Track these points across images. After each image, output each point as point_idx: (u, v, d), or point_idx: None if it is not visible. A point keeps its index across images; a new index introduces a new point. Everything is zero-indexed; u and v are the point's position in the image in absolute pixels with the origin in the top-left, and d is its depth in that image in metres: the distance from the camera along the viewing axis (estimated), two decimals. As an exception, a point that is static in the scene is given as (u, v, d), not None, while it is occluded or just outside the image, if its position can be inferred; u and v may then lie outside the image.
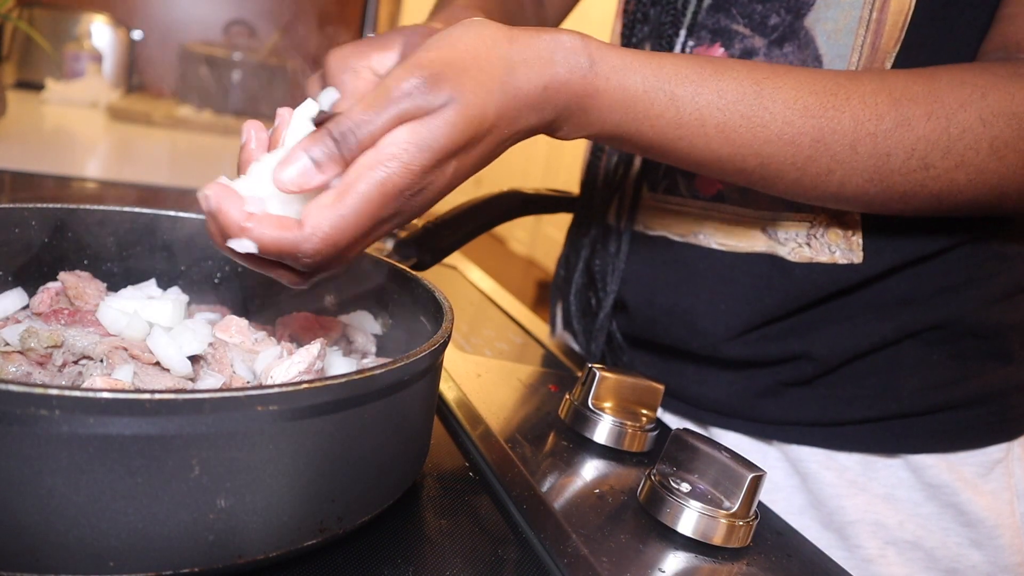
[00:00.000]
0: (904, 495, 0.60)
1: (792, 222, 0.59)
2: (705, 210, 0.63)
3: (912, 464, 0.60)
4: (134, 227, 0.57)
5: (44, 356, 0.45)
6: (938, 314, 0.58)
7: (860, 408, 0.59)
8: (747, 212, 0.60)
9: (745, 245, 0.60)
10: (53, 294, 0.51)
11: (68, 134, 1.61)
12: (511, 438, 0.52)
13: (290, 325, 0.54)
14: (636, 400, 0.54)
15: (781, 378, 0.61)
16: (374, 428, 0.38)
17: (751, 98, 0.47)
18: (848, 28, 0.54)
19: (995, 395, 0.59)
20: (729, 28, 0.59)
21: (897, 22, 0.53)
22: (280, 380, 0.44)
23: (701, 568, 0.42)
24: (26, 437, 0.30)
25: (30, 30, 1.74)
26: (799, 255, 0.58)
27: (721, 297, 0.61)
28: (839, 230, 0.57)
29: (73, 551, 0.31)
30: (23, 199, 1.00)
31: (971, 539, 0.59)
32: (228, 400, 0.32)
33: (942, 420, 0.59)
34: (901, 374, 0.59)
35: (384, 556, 0.40)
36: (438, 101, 0.39)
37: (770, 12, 0.57)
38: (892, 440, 0.60)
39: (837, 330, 0.59)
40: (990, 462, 0.60)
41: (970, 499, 0.59)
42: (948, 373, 0.59)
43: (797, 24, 0.56)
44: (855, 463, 0.61)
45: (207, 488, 0.32)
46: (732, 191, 0.61)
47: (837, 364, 0.59)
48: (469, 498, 0.47)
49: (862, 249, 0.57)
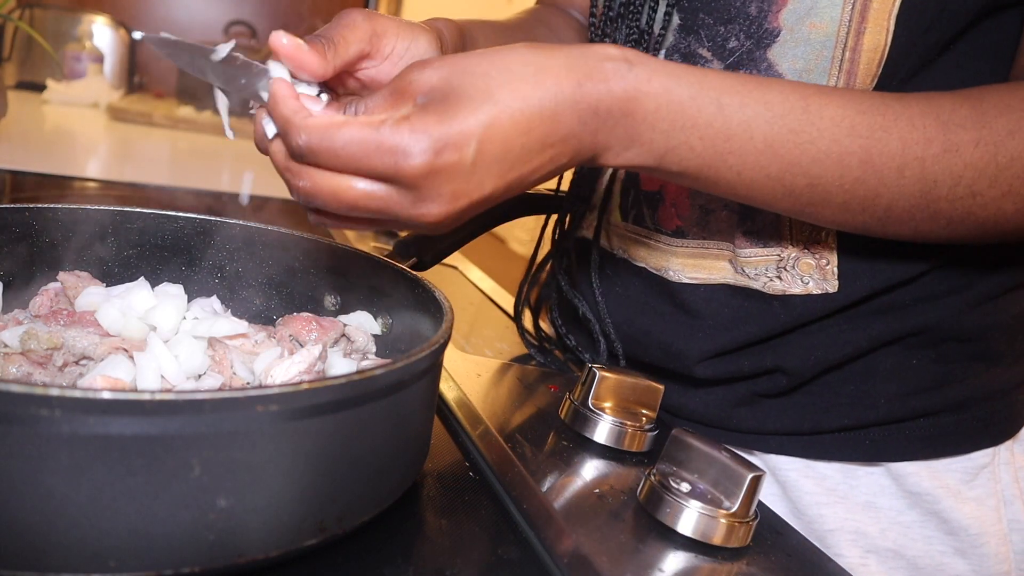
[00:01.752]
0: (885, 503, 0.59)
1: (759, 258, 0.58)
2: (670, 245, 0.62)
3: (893, 472, 0.59)
4: (134, 227, 0.57)
5: (44, 357, 0.45)
6: (917, 321, 0.56)
7: (837, 417, 0.58)
8: (710, 245, 0.60)
9: (715, 277, 0.60)
10: (52, 295, 0.51)
11: (69, 134, 1.61)
12: (511, 438, 0.52)
13: (290, 325, 0.54)
14: (636, 400, 0.54)
15: (756, 389, 0.60)
16: (374, 428, 0.38)
17: (798, 113, 0.45)
18: (820, 68, 0.52)
19: (979, 399, 0.58)
20: (696, 52, 0.57)
21: (872, 59, 0.51)
22: (280, 380, 0.44)
23: (701, 568, 0.42)
24: (27, 437, 0.30)
25: (31, 31, 1.75)
26: (772, 288, 0.57)
27: (700, 327, 0.60)
28: (810, 261, 0.56)
29: (73, 550, 0.31)
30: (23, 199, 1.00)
31: (955, 547, 0.58)
32: (228, 400, 0.32)
33: (922, 426, 0.58)
34: (878, 381, 0.58)
35: (384, 556, 0.40)
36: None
37: (730, 35, 0.55)
38: (871, 448, 0.58)
39: (810, 343, 0.58)
40: (975, 468, 0.58)
41: (952, 506, 0.58)
42: (928, 378, 0.57)
43: (758, 54, 0.54)
44: (835, 471, 0.60)
45: (207, 488, 0.32)
46: (691, 225, 0.60)
47: (811, 376, 0.58)
48: (469, 498, 0.47)
49: (837, 278, 0.56)
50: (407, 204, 0.40)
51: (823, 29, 0.51)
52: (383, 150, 0.38)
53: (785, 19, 0.52)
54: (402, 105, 0.40)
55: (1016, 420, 0.60)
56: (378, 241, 1.07)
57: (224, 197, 1.24)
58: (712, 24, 0.56)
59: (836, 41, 0.51)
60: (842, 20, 0.50)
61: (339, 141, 0.38)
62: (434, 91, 0.40)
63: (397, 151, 0.38)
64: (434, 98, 0.40)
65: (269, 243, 0.58)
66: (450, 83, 0.40)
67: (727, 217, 0.59)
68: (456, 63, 0.40)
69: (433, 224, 0.41)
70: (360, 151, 0.38)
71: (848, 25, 0.50)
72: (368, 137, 0.38)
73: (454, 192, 0.40)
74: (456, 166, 0.39)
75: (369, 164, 0.39)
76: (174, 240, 0.58)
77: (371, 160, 0.39)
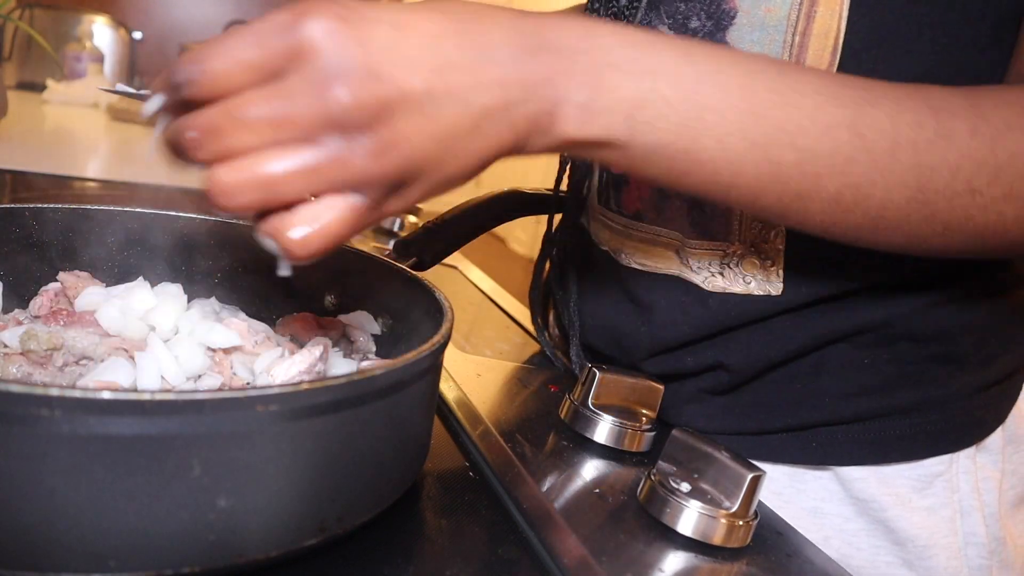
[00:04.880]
0: (832, 509, 0.56)
1: (704, 251, 0.55)
2: (627, 227, 0.60)
3: (841, 476, 0.56)
4: (134, 227, 0.57)
5: (44, 357, 0.45)
6: (865, 318, 0.53)
7: (782, 416, 0.56)
8: (661, 232, 0.58)
9: (662, 267, 0.58)
10: (52, 295, 0.51)
11: (69, 134, 1.61)
12: (511, 438, 0.52)
13: (290, 325, 0.55)
14: (636, 400, 0.54)
15: (702, 386, 0.58)
16: (374, 428, 0.38)
17: (773, 73, 0.40)
18: (772, 53, 0.50)
19: (934, 403, 0.54)
20: (657, 29, 0.55)
21: (825, 46, 0.48)
22: (280, 380, 0.44)
23: (701, 568, 0.42)
24: (27, 437, 0.30)
25: (31, 31, 1.75)
26: (712, 284, 0.55)
27: (642, 319, 0.59)
28: (755, 260, 0.53)
29: (74, 550, 0.31)
30: (23, 199, 1.00)
31: (902, 559, 0.55)
32: (228, 400, 0.32)
33: (871, 429, 0.54)
34: (825, 379, 0.54)
35: (384, 556, 0.40)
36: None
37: (691, 13, 0.53)
38: (817, 451, 0.55)
39: (751, 339, 0.55)
40: (928, 476, 0.55)
41: (899, 515, 0.54)
42: (878, 378, 0.54)
43: (719, 36, 0.52)
44: (782, 475, 0.57)
45: (207, 488, 0.32)
46: (649, 209, 0.59)
47: (754, 374, 0.56)
48: (469, 498, 0.47)
49: (782, 281, 0.53)
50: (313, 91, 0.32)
51: (776, 12, 0.50)
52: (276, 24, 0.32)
53: (741, 1, 0.51)
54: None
55: (979, 427, 0.56)
56: (378, 241, 1.07)
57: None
58: (672, 0, 0.54)
59: (787, 24, 0.49)
60: (793, 3, 0.49)
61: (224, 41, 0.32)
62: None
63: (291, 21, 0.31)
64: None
65: (269, 243, 0.58)
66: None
67: (680, 204, 0.57)
68: None
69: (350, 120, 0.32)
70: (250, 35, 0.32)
71: (799, 8, 0.49)
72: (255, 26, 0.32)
73: (369, 66, 0.32)
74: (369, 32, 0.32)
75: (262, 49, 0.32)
76: (174, 240, 0.58)
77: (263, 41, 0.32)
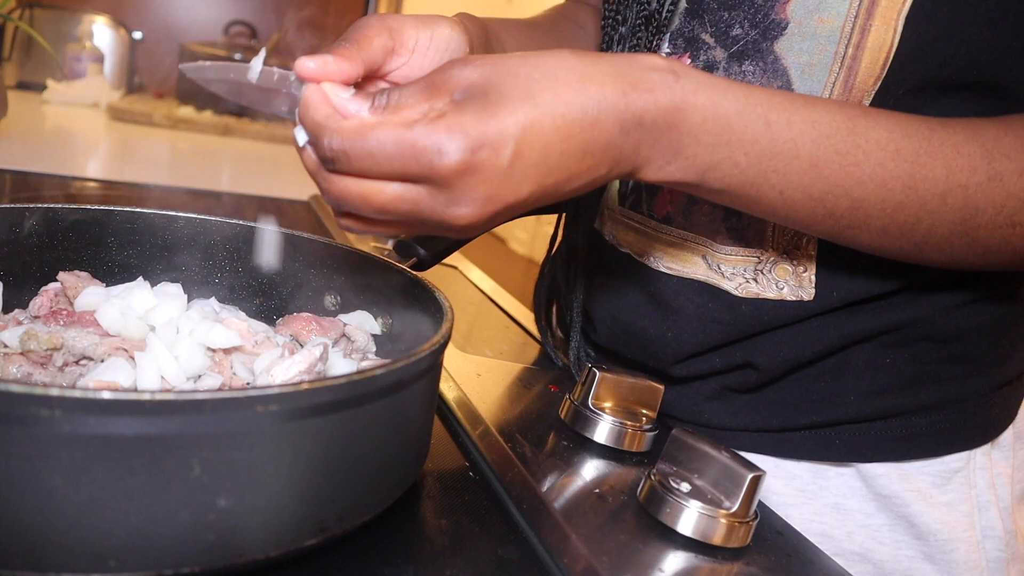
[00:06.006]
0: (854, 505, 0.58)
1: (738, 257, 0.57)
2: (656, 231, 0.61)
3: (863, 473, 0.58)
4: (134, 227, 0.57)
5: (44, 357, 0.45)
6: (891, 319, 0.55)
7: (807, 414, 0.57)
8: (688, 236, 0.59)
9: (688, 271, 0.59)
10: (52, 295, 0.51)
11: (69, 134, 1.61)
12: (511, 438, 0.52)
13: (290, 325, 0.55)
14: (636, 400, 0.54)
15: (727, 384, 0.59)
16: (374, 428, 0.38)
17: (844, 133, 0.44)
18: (823, 63, 0.51)
19: (953, 401, 0.56)
20: (699, 37, 0.56)
21: (876, 59, 0.50)
22: (280, 380, 0.44)
23: (701, 568, 0.42)
24: (27, 437, 0.30)
25: (31, 31, 1.75)
26: (745, 291, 0.56)
27: (669, 324, 0.60)
28: (788, 266, 0.55)
29: (74, 550, 0.31)
30: (23, 199, 1.00)
31: (924, 552, 0.57)
32: (228, 400, 0.32)
33: (894, 427, 0.56)
34: (849, 378, 0.56)
35: (384, 556, 0.40)
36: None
37: (734, 22, 0.54)
38: (841, 448, 0.57)
39: (780, 340, 0.57)
40: (947, 472, 0.57)
41: (922, 510, 0.56)
42: (900, 377, 0.56)
43: (765, 45, 0.53)
44: (805, 471, 0.59)
45: (207, 488, 0.32)
46: (678, 213, 0.60)
47: (781, 373, 0.57)
48: (469, 498, 0.47)
49: (814, 287, 0.55)
50: (439, 206, 0.39)
51: (829, 24, 0.51)
52: (417, 150, 0.37)
53: (793, 12, 0.52)
54: (437, 100, 0.39)
55: (993, 424, 0.59)
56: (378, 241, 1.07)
57: (224, 197, 1.24)
58: (716, 9, 0.55)
59: (841, 36, 0.50)
60: (848, 15, 0.50)
61: (372, 142, 0.38)
62: (473, 88, 0.38)
63: (432, 150, 0.37)
64: (472, 95, 0.38)
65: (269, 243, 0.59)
66: (490, 81, 0.38)
67: (710, 211, 0.58)
68: (498, 62, 0.39)
69: (464, 227, 0.40)
70: (395, 151, 0.38)
71: (854, 20, 0.50)
72: (402, 137, 0.37)
73: (488, 195, 0.39)
74: (492, 167, 0.38)
75: (403, 165, 0.38)
76: (174, 240, 0.58)
77: (405, 161, 0.38)
